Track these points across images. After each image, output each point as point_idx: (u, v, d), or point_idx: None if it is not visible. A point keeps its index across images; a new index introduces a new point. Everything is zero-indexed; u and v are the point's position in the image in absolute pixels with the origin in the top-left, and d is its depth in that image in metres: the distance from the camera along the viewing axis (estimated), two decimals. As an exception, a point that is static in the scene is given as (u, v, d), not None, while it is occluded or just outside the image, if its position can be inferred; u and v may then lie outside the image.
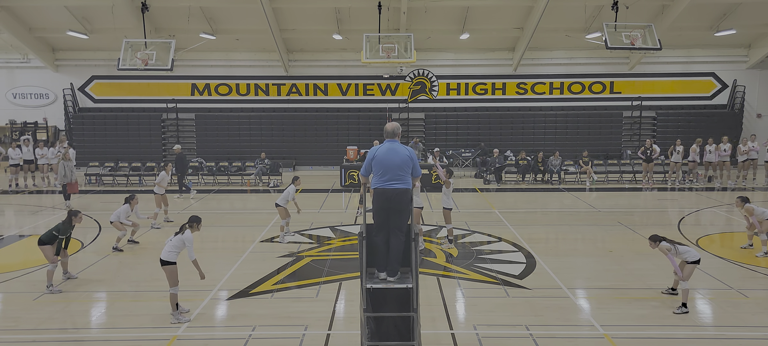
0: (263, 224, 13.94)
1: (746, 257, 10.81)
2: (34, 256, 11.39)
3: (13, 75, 25.38)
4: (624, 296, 8.80)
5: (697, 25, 22.73)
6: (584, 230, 13.38)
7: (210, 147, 24.62)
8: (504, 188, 20.06)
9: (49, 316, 8.09)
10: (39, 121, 25.39)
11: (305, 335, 7.41)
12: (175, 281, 7.88)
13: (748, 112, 25.09)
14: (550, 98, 25.37)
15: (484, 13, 22.21)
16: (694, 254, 8.28)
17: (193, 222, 8.31)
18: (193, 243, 8.11)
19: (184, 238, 8.04)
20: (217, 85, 25.31)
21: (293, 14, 22.15)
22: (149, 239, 12.40)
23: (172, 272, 7.87)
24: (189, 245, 8.02)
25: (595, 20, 21.78)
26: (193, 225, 8.28)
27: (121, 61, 19.06)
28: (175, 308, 7.88)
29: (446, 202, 11.52)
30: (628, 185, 20.49)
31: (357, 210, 14.99)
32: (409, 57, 19.19)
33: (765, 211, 10.91)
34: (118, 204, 12.13)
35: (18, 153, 19.84)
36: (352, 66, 24.71)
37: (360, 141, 23.83)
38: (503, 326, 7.67)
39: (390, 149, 6.15)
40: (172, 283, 7.86)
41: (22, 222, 14.66)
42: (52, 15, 22.00)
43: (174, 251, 7.95)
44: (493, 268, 10.23)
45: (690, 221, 14.31)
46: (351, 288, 9.13)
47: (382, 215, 6.11)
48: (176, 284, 7.88)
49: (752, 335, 7.37)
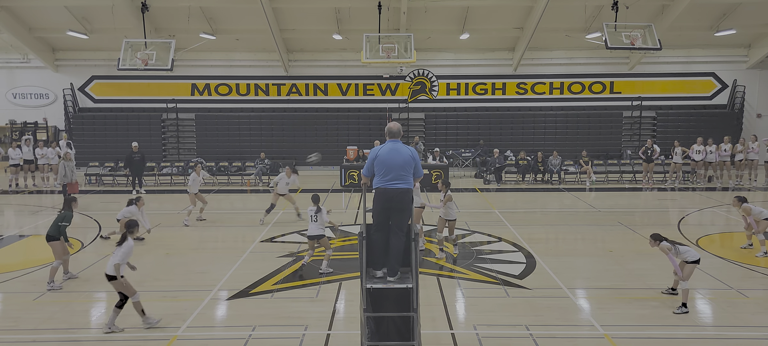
0: (264, 224, 13.94)
1: (746, 257, 10.81)
2: (34, 256, 11.42)
3: (13, 75, 25.37)
4: (624, 296, 8.80)
5: (697, 25, 22.73)
6: (584, 230, 13.37)
7: (210, 147, 24.62)
8: (504, 188, 20.06)
9: (49, 316, 8.09)
10: (39, 121, 25.38)
11: (305, 335, 7.41)
12: (132, 289, 7.58)
13: (748, 112, 25.09)
14: (550, 98, 25.37)
15: (484, 13, 22.21)
16: (694, 253, 8.29)
17: (132, 228, 7.91)
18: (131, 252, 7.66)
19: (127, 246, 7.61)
20: (217, 85, 25.31)
21: (293, 14, 22.15)
22: (149, 239, 12.39)
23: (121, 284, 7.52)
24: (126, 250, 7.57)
25: (595, 20, 21.78)
26: (133, 230, 7.89)
27: (121, 61, 19.06)
28: (142, 314, 7.59)
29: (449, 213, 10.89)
30: (628, 185, 20.49)
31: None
32: (409, 57, 19.19)
33: (763, 211, 10.94)
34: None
35: (18, 153, 19.84)
36: (352, 66, 24.70)
37: (360, 141, 23.82)
38: (503, 326, 7.67)
39: (392, 149, 6.17)
40: (130, 292, 7.55)
41: (22, 222, 14.66)
42: (52, 15, 22.00)
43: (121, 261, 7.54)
44: (493, 268, 10.23)
45: (690, 220, 14.31)
46: (351, 288, 9.13)
47: (383, 214, 6.12)
48: (135, 292, 7.58)
49: (752, 335, 7.37)
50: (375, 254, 6.10)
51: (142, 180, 19.53)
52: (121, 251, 7.57)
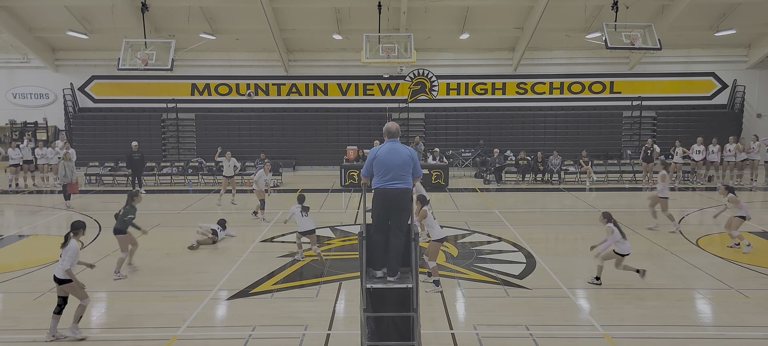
0: (263, 224, 13.94)
1: (746, 257, 10.81)
2: (34, 256, 11.43)
3: (13, 75, 25.38)
4: (624, 296, 8.80)
5: (697, 25, 22.73)
6: (584, 229, 13.36)
7: (210, 147, 24.55)
8: (504, 188, 20.06)
9: (49, 316, 8.06)
10: (39, 121, 25.39)
11: (305, 335, 7.40)
12: (84, 293, 7.42)
13: (748, 112, 25.09)
14: (550, 98, 25.37)
15: (484, 13, 22.20)
16: (629, 248, 9.11)
17: (77, 229, 7.71)
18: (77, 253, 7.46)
19: (71, 248, 7.36)
20: (217, 85, 25.31)
21: (293, 14, 22.15)
22: (150, 239, 12.37)
23: (73, 288, 7.36)
24: (72, 254, 7.33)
25: (595, 20, 21.78)
26: (78, 232, 7.70)
27: (121, 61, 19.06)
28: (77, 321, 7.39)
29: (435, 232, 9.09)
30: (628, 185, 20.48)
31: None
32: (409, 57, 19.19)
33: (743, 208, 11.34)
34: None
35: (18, 153, 19.84)
36: (352, 66, 24.71)
37: (360, 141, 23.82)
38: (503, 326, 7.67)
39: (391, 149, 6.16)
40: (82, 296, 7.39)
41: (22, 222, 14.66)
42: (52, 15, 22.00)
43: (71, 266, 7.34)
44: (493, 268, 10.23)
45: (690, 220, 14.31)
46: (351, 288, 9.12)
47: (382, 214, 6.12)
48: (86, 296, 7.44)
49: (752, 335, 7.37)
50: (375, 254, 6.10)
51: (142, 180, 19.53)
52: (68, 254, 7.32)
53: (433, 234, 9.01)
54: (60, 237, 11.46)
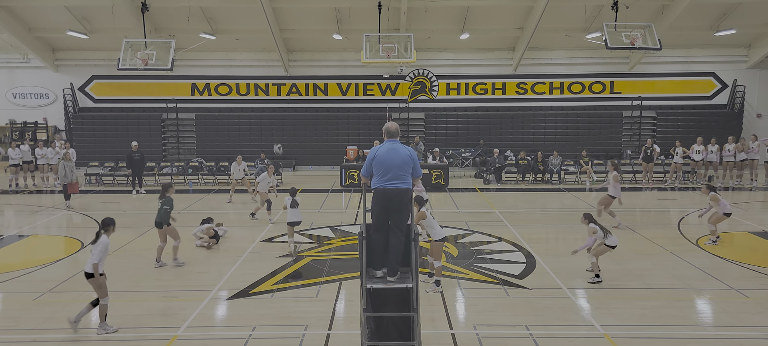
0: (263, 224, 13.94)
1: (746, 257, 10.81)
2: (34, 256, 11.43)
3: (13, 75, 25.37)
4: (624, 296, 8.80)
5: (697, 25, 22.73)
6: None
7: (210, 147, 24.63)
8: (504, 188, 20.06)
9: (49, 316, 8.09)
10: (39, 121, 25.39)
11: (305, 335, 7.41)
12: (105, 292, 7.47)
13: (748, 112, 25.09)
14: (550, 98, 25.37)
15: (484, 13, 22.21)
16: (615, 240, 9.32)
17: (108, 225, 7.77)
18: (106, 248, 7.59)
19: (101, 242, 7.51)
20: (217, 85, 25.31)
21: (293, 14, 22.15)
22: (149, 239, 12.38)
23: (96, 283, 7.41)
24: (102, 248, 7.47)
25: (595, 20, 21.78)
26: (108, 228, 7.76)
27: (121, 61, 19.06)
28: (104, 319, 7.48)
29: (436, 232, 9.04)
30: (628, 185, 20.47)
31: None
32: (409, 57, 19.18)
33: (727, 206, 11.62)
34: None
35: (18, 153, 19.85)
36: (352, 66, 24.71)
37: (360, 141, 23.83)
38: (503, 326, 7.67)
39: (390, 149, 6.16)
40: (102, 294, 7.44)
41: (22, 222, 14.65)
42: (52, 15, 22.00)
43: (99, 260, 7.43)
44: (493, 268, 10.23)
45: (690, 220, 14.31)
46: (351, 288, 9.12)
47: (382, 214, 6.12)
48: (106, 294, 7.50)
49: (752, 335, 7.37)
50: (375, 254, 6.10)
51: (142, 180, 19.54)
52: (98, 249, 7.49)
53: (434, 234, 8.98)
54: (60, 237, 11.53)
